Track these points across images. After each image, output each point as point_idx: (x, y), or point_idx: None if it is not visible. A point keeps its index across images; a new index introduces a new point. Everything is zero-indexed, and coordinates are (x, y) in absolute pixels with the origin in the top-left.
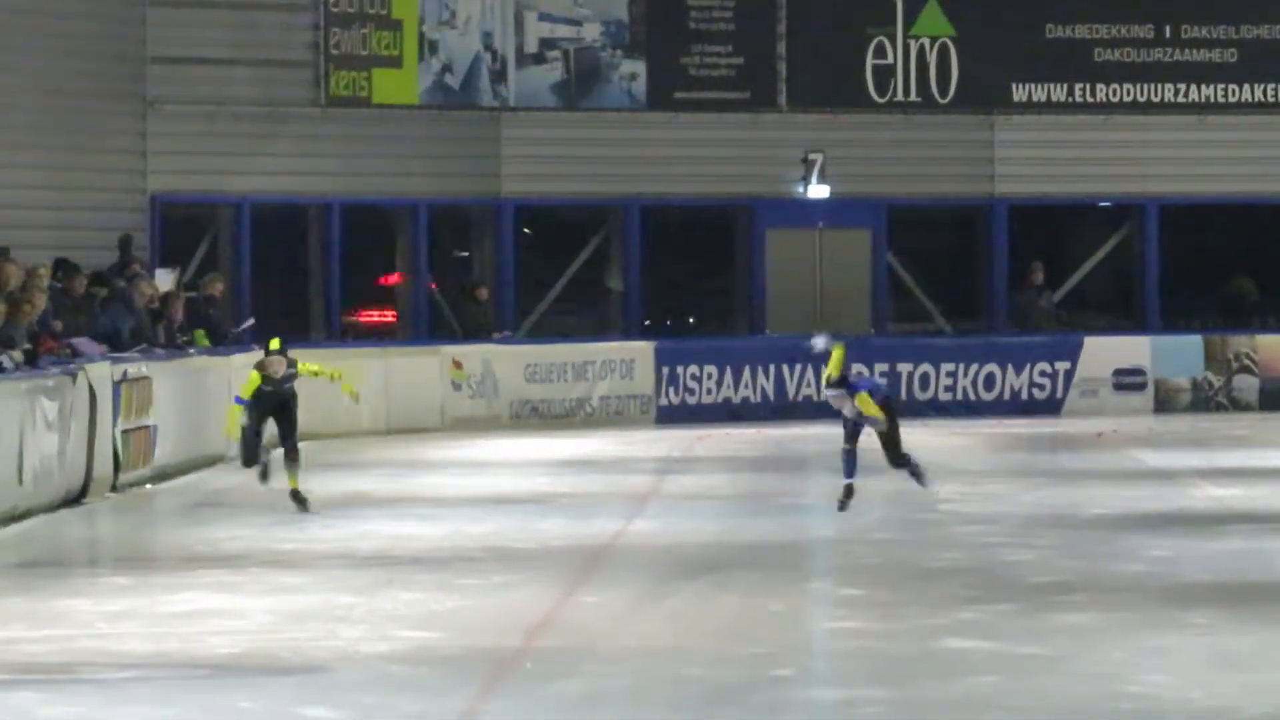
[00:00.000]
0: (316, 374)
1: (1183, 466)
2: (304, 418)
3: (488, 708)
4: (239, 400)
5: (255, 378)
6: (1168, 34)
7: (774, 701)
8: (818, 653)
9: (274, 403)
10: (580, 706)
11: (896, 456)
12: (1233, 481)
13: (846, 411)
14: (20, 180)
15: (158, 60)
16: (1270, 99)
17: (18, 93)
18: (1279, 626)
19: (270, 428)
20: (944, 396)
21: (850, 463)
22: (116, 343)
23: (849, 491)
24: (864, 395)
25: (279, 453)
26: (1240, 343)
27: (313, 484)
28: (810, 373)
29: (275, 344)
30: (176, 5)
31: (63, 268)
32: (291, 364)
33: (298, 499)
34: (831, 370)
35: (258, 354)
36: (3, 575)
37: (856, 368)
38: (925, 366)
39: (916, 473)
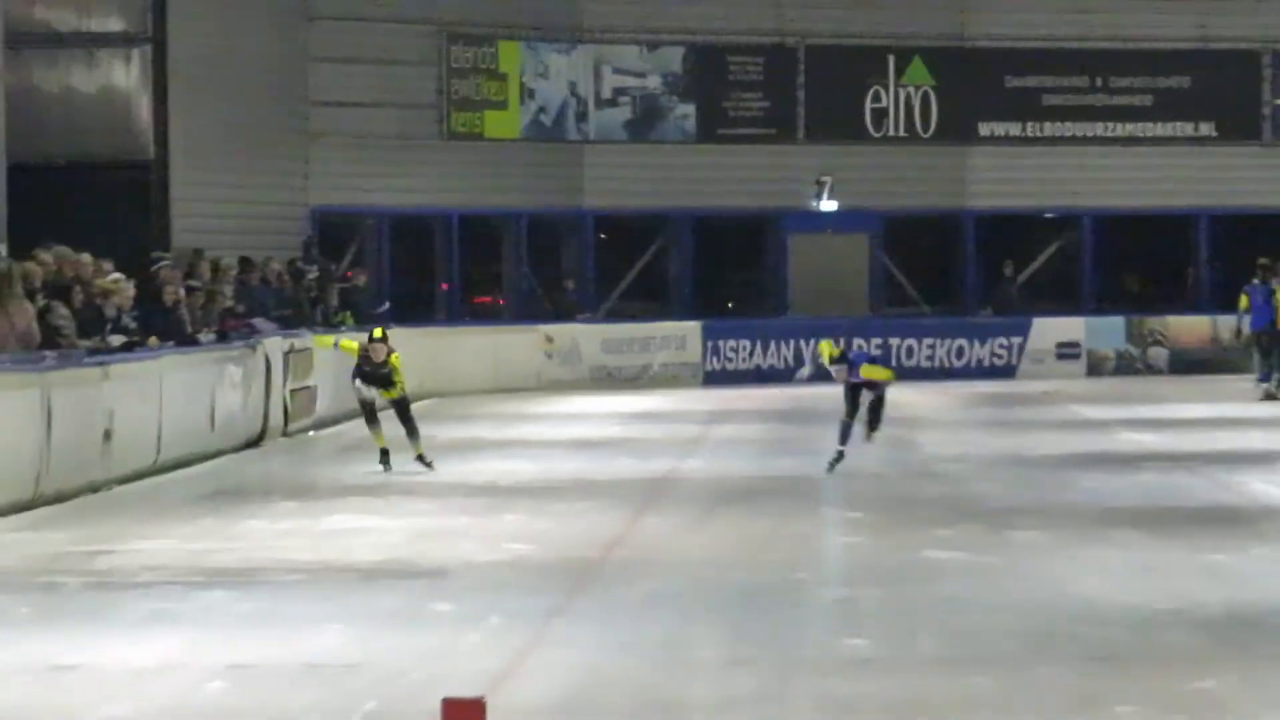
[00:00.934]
0: (396, 371)
1: (1109, 418)
2: (433, 380)
3: (573, 605)
4: (336, 345)
5: (356, 348)
6: (1099, 84)
7: (795, 599)
8: (828, 561)
9: (377, 381)
10: (645, 604)
11: (876, 416)
12: (1148, 429)
13: (845, 377)
14: (212, 196)
15: (318, 103)
16: (1178, 134)
17: (210, 132)
18: (1185, 541)
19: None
20: (924, 364)
21: (846, 433)
22: (265, 313)
23: (840, 456)
24: (867, 365)
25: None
26: (1153, 322)
27: (436, 430)
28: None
29: (378, 333)
30: (334, 61)
31: (243, 264)
32: (389, 352)
33: (425, 460)
34: (827, 354)
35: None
36: (197, 502)
37: (857, 342)
38: (910, 341)
39: (875, 421)
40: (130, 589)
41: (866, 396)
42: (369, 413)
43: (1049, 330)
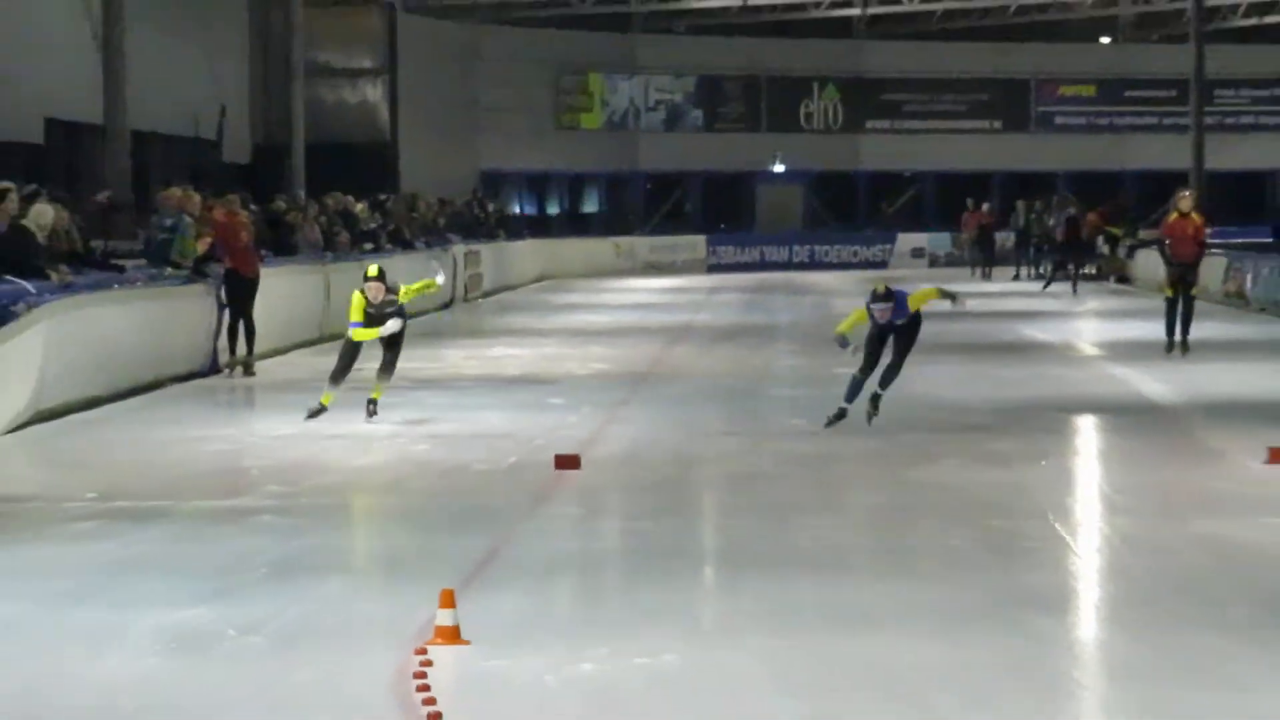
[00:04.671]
0: (417, 291)
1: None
2: (549, 269)
3: (632, 399)
4: (353, 325)
5: (359, 299)
6: (936, 99)
7: (760, 395)
8: (779, 374)
9: (379, 321)
10: (674, 399)
11: (892, 375)
12: (968, 297)
13: (882, 320)
14: (422, 162)
15: (484, 109)
16: (981, 128)
17: (421, 125)
18: (985, 363)
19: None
20: (834, 260)
21: (855, 389)
22: (454, 230)
23: (842, 414)
24: (912, 296)
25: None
26: (964, 236)
27: (551, 297)
28: (778, 249)
29: (373, 271)
30: (493, 85)
31: (440, 203)
32: (392, 289)
33: (371, 408)
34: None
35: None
36: (414, 339)
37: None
38: (826, 246)
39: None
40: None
41: (889, 349)
42: (345, 360)
43: (907, 241)
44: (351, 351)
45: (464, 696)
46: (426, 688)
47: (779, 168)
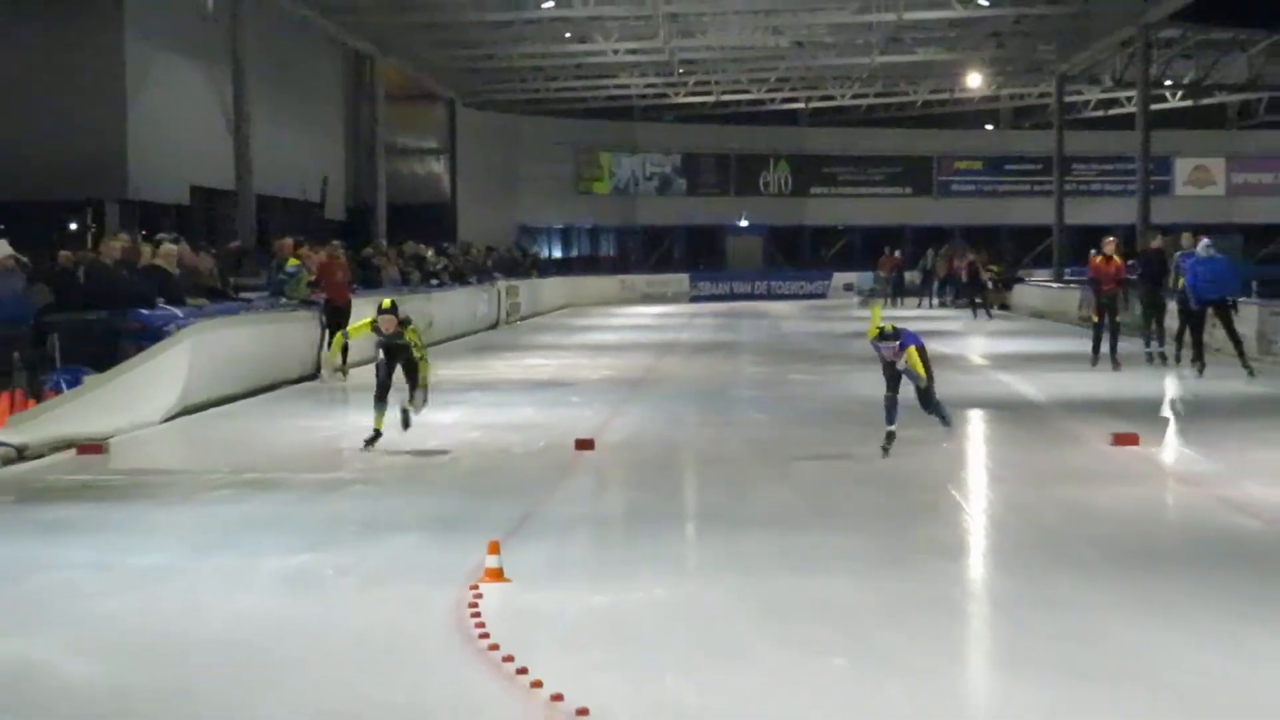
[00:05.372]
0: (414, 345)
1: (866, 315)
2: (571, 298)
3: (632, 397)
4: (344, 333)
5: (366, 324)
6: (862, 171)
7: (729, 395)
8: (744, 379)
9: (390, 350)
10: (663, 397)
11: (927, 403)
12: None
13: (891, 358)
14: (474, 219)
15: (523, 178)
16: (895, 193)
17: (474, 191)
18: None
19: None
20: (786, 293)
21: (892, 410)
22: (499, 270)
23: (890, 437)
24: (912, 350)
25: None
26: (882, 274)
27: (571, 321)
28: (743, 284)
29: (386, 304)
30: (529, 159)
31: (487, 250)
32: (404, 323)
33: (405, 419)
34: (875, 326)
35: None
36: (468, 352)
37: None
38: (779, 282)
39: (943, 415)
40: (436, 391)
41: (906, 375)
42: (380, 387)
43: (840, 278)
44: (384, 367)
45: (506, 621)
46: (478, 614)
47: (744, 223)
